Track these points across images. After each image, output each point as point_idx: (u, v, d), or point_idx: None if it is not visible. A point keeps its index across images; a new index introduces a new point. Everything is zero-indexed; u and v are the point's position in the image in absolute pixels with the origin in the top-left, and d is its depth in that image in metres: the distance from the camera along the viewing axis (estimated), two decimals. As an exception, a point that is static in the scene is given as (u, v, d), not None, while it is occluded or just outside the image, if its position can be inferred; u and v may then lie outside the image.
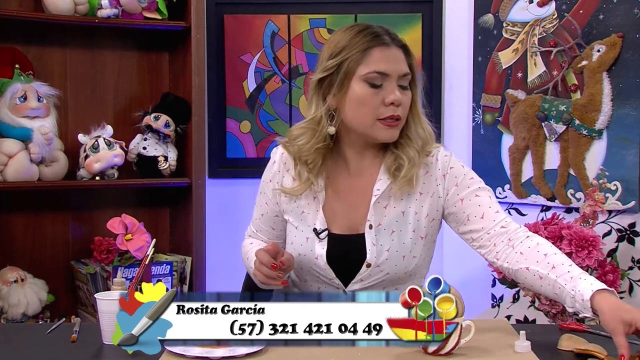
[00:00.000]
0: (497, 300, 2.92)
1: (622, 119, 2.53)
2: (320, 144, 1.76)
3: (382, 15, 3.10)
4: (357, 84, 1.70)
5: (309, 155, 1.77)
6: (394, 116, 1.70)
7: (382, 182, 1.77)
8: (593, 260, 2.32)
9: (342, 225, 1.79)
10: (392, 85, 1.70)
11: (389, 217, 1.77)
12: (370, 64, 1.70)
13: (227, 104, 3.20)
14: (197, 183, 2.87)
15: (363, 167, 1.80)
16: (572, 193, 2.68)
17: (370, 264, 1.75)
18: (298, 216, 1.82)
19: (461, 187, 1.77)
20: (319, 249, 1.77)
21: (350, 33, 1.73)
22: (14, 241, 2.80)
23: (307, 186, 1.79)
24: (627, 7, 2.51)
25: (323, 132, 1.75)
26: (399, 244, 1.76)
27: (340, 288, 1.79)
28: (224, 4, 3.15)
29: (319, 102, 1.76)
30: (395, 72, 1.71)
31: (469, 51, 3.00)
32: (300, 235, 1.81)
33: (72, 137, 2.81)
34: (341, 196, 1.80)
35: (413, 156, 1.74)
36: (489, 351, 1.52)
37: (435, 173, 1.78)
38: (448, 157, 1.79)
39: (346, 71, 1.71)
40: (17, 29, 2.77)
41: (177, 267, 2.85)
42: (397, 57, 1.72)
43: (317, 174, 1.79)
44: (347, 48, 1.71)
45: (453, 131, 3.11)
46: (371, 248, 1.75)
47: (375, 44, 1.71)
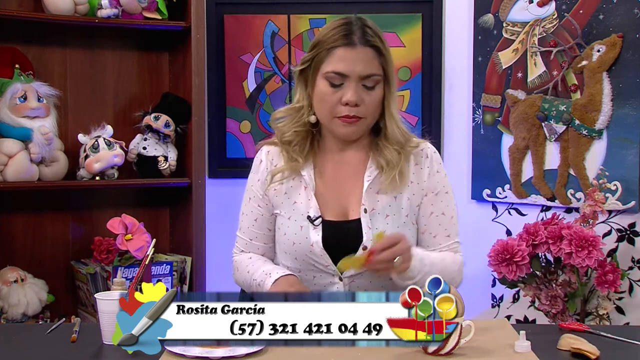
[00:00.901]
0: (497, 300, 2.92)
1: (622, 119, 2.53)
2: (300, 128, 1.83)
3: (382, 15, 3.10)
4: (320, 80, 1.77)
5: (290, 135, 1.83)
6: (349, 116, 1.75)
7: (372, 169, 1.82)
8: (593, 260, 2.32)
9: (335, 212, 1.82)
10: (351, 86, 1.73)
11: (382, 203, 1.81)
12: (332, 63, 1.74)
13: (227, 104, 3.20)
14: (197, 183, 2.87)
15: (348, 156, 1.85)
16: (572, 193, 2.68)
17: (366, 247, 1.77)
18: (290, 207, 1.84)
19: (437, 199, 1.85)
20: (314, 235, 1.79)
21: (328, 28, 1.79)
22: (14, 241, 2.80)
23: (294, 166, 1.83)
24: (627, 7, 2.51)
25: (303, 118, 1.82)
26: (393, 227, 1.79)
27: (336, 275, 1.80)
28: (224, 4, 3.15)
29: (303, 91, 1.82)
30: (355, 73, 1.73)
31: (469, 51, 3.00)
32: (293, 225, 1.82)
33: (72, 137, 2.81)
34: (331, 184, 1.84)
35: (391, 159, 1.80)
36: (489, 351, 1.52)
37: (424, 168, 1.84)
38: (436, 158, 1.87)
39: (314, 67, 1.77)
40: (17, 29, 2.77)
41: (177, 267, 2.85)
42: (361, 58, 1.74)
43: (305, 159, 1.83)
44: (319, 44, 1.77)
45: (453, 131, 3.11)
46: (367, 231, 1.78)
47: (340, 44, 1.74)
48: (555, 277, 2.48)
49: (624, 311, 2.55)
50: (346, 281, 1.80)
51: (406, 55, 3.13)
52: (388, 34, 3.11)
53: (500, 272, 2.46)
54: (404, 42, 3.13)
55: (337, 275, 1.80)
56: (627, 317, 2.55)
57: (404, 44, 3.13)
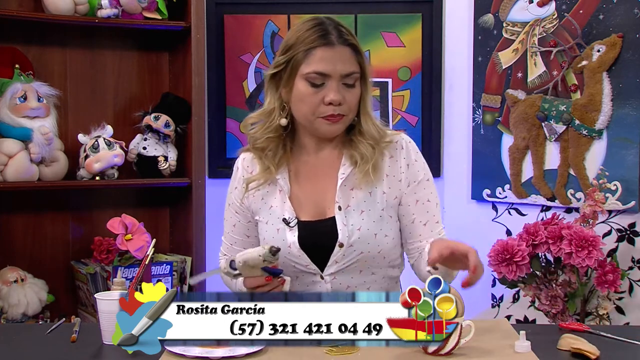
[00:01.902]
0: (497, 300, 2.92)
1: (622, 119, 2.53)
2: (272, 134, 1.83)
3: (382, 15, 3.10)
4: (300, 81, 1.76)
5: (262, 142, 1.84)
6: (334, 115, 1.76)
7: (346, 166, 1.83)
8: (593, 260, 2.32)
9: (310, 212, 1.83)
10: (333, 85, 1.74)
11: (356, 199, 1.81)
12: (312, 63, 1.75)
13: (227, 104, 3.19)
14: (197, 183, 2.87)
15: (324, 155, 1.86)
16: (572, 193, 2.68)
17: (342, 244, 1.78)
18: (267, 212, 1.85)
19: (419, 187, 1.85)
20: (290, 236, 1.80)
21: (301, 29, 1.78)
22: (14, 241, 2.80)
23: (267, 174, 1.84)
24: (627, 7, 2.51)
25: (274, 123, 1.83)
26: (369, 223, 1.80)
27: (317, 273, 1.81)
28: (224, 4, 3.15)
29: (273, 95, 1.83)
30: (336, 72, 1.74)
31: (469, 51, 3.00)
32: (270, 228, 1.84)
33: (72, 137, 2.81)
34: (306, 184, 1.85)
35: (365, 153, 1.80)
36: (489, 351, 1.52)
37: (399, 160, 1.85)
38: (412, 147, 1.88)
39: (292, 68, 1.77)
40: (17, 29, 2.77)
41: (177, 267, 2.85)
42: (341, 57, 1.75)
43: (279, 164, 1.84)
44: (294, 46, 1.77)
45: (453, 131, 3.11)
46: (342, 228, 1.79)
47: (318, 44, 1.75)
48: (555, 277, 2.48)
49: (624, 311, 2.55)
50: (328, 279, 1.81)
51: (406, 55, 3.13)
52: (388, 34, 3.12)
53: (500, 272, 2.46)
54: (404, 42, 3.13)
55: (318, 274, 1.82)
56: (627, 317, 2.55)
57: (404, 44, 3.13)
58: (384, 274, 1.86)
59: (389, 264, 1.86)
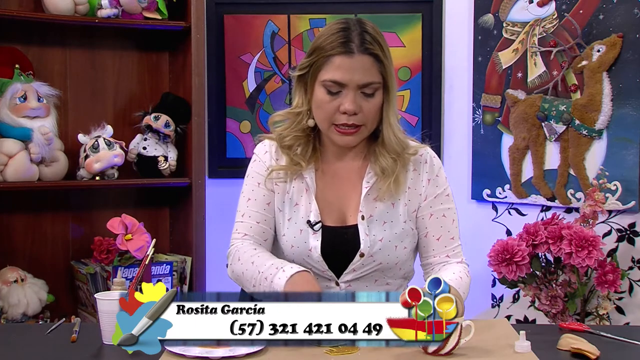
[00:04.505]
0: (497, 300, 2.92)
1: (622, 119, 2.53)
2: (300, 133, 1.82)
3: (382, 15, 3.10)
4: (318, 87, 1.75)
5: (290, 140, 1.82)
6: (348, 124, 1.73)
7: (370, 175, 1.81)
8: (593, 260, 2.32)
9: (334, 217, 1.82)
10: (349, 94, 1.72)
11: (379, 209, 1.80)
12: (330, 71, 1.72)
13: (227, 104, 3.19)
14: (197, 183, 2.87)
15: (347, 161, 1.85)
16: (572, 193, 2.68)
17: (364, 254, 1.78)
18: (292, 208, 1.83)
19: (436, 201, 1.84)
20: (313, 241, 1.79)
21: (326, 33, 1.75)
22: (14, 241, 2.80)
23: (296, 169, 1.81)
24: (627, 7, 2.51)
25: (302, 123, 1.81)
26: (391, 234, 1.79)
27: (333, 280, 1.80)
28: (224, 4, 3.15)
29: (302, 96, 1.81)
30: (353, 82, 1.71)
31: (469, 51, 3.00)
32: (293, 227, 1.82)
33: (72, 137, 2.81)
34: (331, 188, 1.83)
35: (386, 167, 1.78)
36: (489, 351, 1.52)
37: (422, 174, 1.84)
38: (437, 162, 1.86)
39: (313, 73, 1.76)
40: (17, 29, 2.77)
41: (177, 267, 2.85)
42: (360, 66, 1.71)
43: (307, 162, 1.82)
44: (317, 50, 1.75)
45: (453, 131, 3.11)
46: (364, 238, 1.78)
47: (338, 52, 1.71)
48: (555, 277, 2.48)
49: (624, 311, 2.55)
50: (343, 286, 1.80)
51: (406, 55, 3.13)
52: (388, 34, 3.11)
53: (500, 272, 2.46)
54: (404, 42, 3.13)
55: (333, 280, 1.80)
56: (627, 317, 2.55)
57: (404, 44, 3.13)
58: (398, 285, 1.85)
59: (403, 275, 1.86)
